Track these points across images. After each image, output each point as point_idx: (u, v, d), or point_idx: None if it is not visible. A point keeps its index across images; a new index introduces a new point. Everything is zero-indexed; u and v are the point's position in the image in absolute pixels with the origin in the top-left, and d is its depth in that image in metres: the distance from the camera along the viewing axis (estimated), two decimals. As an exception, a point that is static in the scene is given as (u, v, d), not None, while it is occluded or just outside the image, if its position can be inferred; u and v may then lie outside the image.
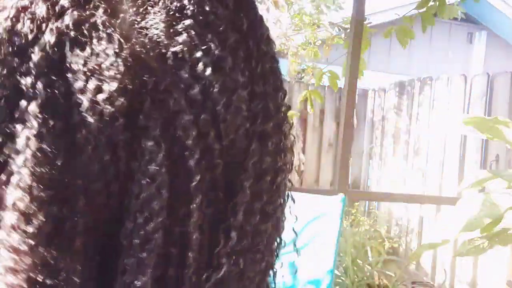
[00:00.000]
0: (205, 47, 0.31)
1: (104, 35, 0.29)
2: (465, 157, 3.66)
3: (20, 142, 0.28)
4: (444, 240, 1.53)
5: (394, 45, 3.87)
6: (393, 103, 4.72)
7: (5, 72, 0.29)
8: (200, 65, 0.31)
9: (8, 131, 0.29)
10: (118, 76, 0.29)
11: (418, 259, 3.85)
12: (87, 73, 0.29)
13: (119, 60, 0.29)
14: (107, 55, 0.29)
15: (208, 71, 0.31)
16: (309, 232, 1.64)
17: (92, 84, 0.29)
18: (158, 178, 0.30)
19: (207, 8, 0.32)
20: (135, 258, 0.30)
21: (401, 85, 4.62)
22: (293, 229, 0.47)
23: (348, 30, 2.71)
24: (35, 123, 0.28)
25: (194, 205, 0.31)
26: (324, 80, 2.92)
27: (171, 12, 0.31)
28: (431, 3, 2.58)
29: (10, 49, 0.29)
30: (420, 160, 4.20)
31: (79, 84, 0.29)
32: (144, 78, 0.30)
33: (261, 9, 0.39)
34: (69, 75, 0.29)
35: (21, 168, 0.28)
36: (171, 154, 0.30)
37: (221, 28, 0.32)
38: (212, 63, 0.31)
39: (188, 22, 0.31)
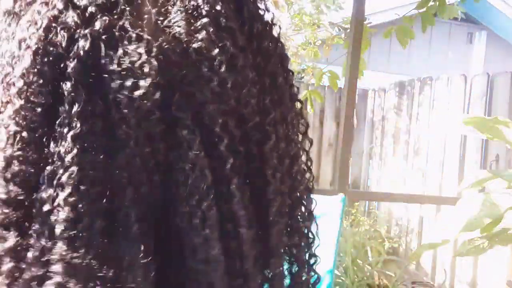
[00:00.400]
0: (221, 44, 0.34)
1: (134, 35, 0.32)
2: (465, 157, 3.65)
3: (67, 142, 0.30)
4: (444, 240, 1.53)
5: (394, 45, 3.86)
6: (393, 103, 4.72)
7: (41, 81, 0.31)
8: (217, 62, 0.33)
9: (53, 135, 0.31)
10: (152, 72, 0.31)
11: (418, 259, 3.85)
12: (122, 72, 0.31)
13: (150, 57, 0.31)
14: (139, 54, 0.31)
15: (223, 67, 0.33)
16: (309, 232, 1.64)
17: (128, 82, 0.31)
18: (199, 162, 0.33)
19: (219, 9, 0.34)
20: (201, 236, 0.33)
21: (401, 85, 4.62)
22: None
23: (348, 30, 2.71)
24: (78, 124, 0.30)
25: (234, 186, 0.34)
26: (324, 80, 2.92)
27: (189, 11, 0.34)
28: (431, 3, 2.58)
29: (46, 59, 0.31)
30: (420, 160, 4.19)
31: (115, 83, 0.31)
32: (172, 72, 0.32)
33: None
34: (105, 76, 0.31)
35: (68, 167, 0.30)
36: (204, 141, 0.33)
37: (232, 29, 0.35)
38: (226, 60, 0.34)
39: (205, 20, 0.34)
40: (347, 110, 2.16)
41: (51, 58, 0.31)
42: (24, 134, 0.31)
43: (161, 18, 0.33)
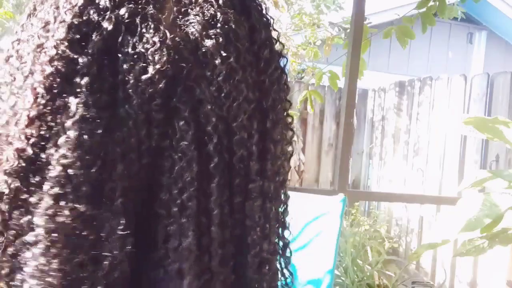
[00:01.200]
0: (225, 55, 0.36)
1: (152, 25, 0.35)
2: (465, 157, 3.65)
3: (71, 109, 0.33)
4: (444, 240, 1.53)
5: (394, 45, 3.86)
6: (393, 103, 4.72)
7: (71, 53, 0.34)
8: (217, 70, 0.36)
9: (63, 101, 0.34)
10: (162, 60, 0.34)
11: (418, 259, 3.85)
12: (135, 56, 0.34)
13: (163, 47, 0.34)
14: (154, 42, 0.34)
15: (222, 76, 0.36)
16: (309, 232, 1.64)
17: (138, 65, 0.34)
18: (188, 153, 0.35)
19: (233, 26, 0.37)
20: (177, 224, 0.34)
21: (401, 85, 4.62)
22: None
23: (348, 30, 2.71)
24: (84, 95, 0.33)
25: (214, 184, 0.36)
26: (324, 80, 2.91)
27: (206, 18, 0.37)
28: (431, 3, 2.58)
29: (77, 34, 0.34)
30: (420, 160, 4.19)
31: (127, 65, 0.34)
32: (180, 65, 0.35)
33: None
34: (120, 56, 0.34)
35: (69, 130, 0.33)
36: (197, 135, 0.35)
37: (238, 47, 0.37)
38: (226, 71, 0.36)
39: (218, 31, 0.37)
40: (347, 110, 2.16)
41: (81, 34, 0.34)
42: (48, 97, 0.34)
43: (180, 16, 0.36)
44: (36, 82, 0.34)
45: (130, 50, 0.34)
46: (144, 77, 0.34)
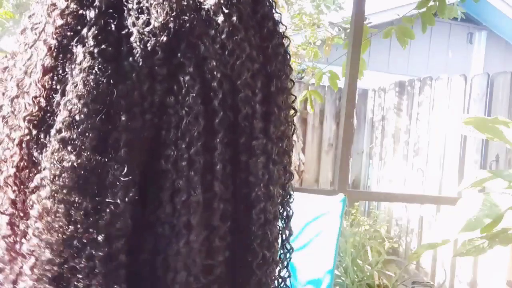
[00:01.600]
0: (227, 12, 0.37)
1: None
2: (465, 157, 3.65)
3: (78, 58, 0.34)
4: (444, 240, 1.53)
5: (394, 45, 3.86)
6: (393, 103, 4.72)
7: (77, 8, 0.36)
8: (220, 27, 0.37)
9: (72, 53, 0.35)
10: (164, 13, 0.35)
11: (418, 259, 3.85)
12: (139, 10, 0.35)
13: (165, 1, 0.36)
14: None
15: (224, 34, 0.37)
16: (309, 232, 1.64)
17: (141, 19, 0.35)
18: (195, 107, 0.35)
19: None
20: (185, 178, 0.35)
21: (401, 85, 4.62)
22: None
23: (348, 30, 2.71)
24: (90, 45, 0.34)
25: (218, 140, 0.36)
26: (324, 80, 2.92)
27: None
28: (431, 3, 2.58)
29: None
30: (420, 160, 4.19)
31: (131, 18, 0.35)
32: (183, 20, 0.36)
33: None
34: (125, 11, 0.35)
35: (75, 77, 0.34)
36: (202, 90, 0.36)
37: (240, 9, 0.38)
38: (229, 29, 0.37)
39: None
40: (347, 110, 2.16)
41: None
42: (59, 48, 0.36)
43: None
44: (48, 34, 0.36)
45: (134, 5, 0.35)
46: (146, 29, 0.35)
